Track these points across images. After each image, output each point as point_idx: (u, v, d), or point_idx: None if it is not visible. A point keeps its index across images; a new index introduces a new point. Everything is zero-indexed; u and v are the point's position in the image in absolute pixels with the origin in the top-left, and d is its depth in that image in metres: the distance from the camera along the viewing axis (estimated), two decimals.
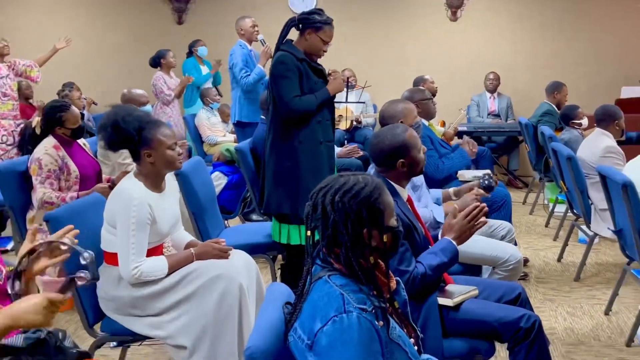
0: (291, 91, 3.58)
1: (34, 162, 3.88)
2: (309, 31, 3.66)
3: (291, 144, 3.65)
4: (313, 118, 3.66)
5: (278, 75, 3.62)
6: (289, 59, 3.61)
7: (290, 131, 3.64)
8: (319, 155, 3.68)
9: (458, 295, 2.59)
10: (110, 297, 2.80)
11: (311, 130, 3.66)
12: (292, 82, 3.60)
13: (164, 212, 2.85)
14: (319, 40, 3.67)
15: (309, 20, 3.66)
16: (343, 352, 1.55)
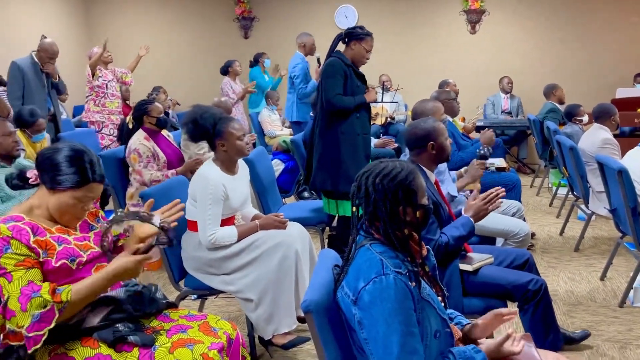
0: (335, 89, 3.60)
1: (132, 152, 3.96)
2: (354, 42, 3.69)
3: (334, 134, 3.68)
4: (352, 114, 3.67)
5: (327, 75, 3.64)
6: (338, 63, 3.63)
7: (334, 124, 3.67)
8: (356, 144, 3.69)
9: (476, 261, 2.56)
10: (192, 258, 2.85)
11: (351, 124, 3.68)
12: (337, 82, 3.61)
13: (236, 191, 2.88)
14: (362, 49, 3.68)
15: (353, 34, 3.69)
16: (382, 306, 1.54)
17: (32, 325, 1.74)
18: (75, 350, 1.86)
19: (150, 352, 1.85)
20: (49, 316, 1.75)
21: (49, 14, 8.36)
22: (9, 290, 1.75)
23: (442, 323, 1.68)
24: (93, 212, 2.09)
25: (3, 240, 1.76)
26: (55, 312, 1.76)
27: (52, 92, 5.34)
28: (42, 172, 1.89)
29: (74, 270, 1.88)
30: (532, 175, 7.28)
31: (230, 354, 2.02)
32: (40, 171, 1.89)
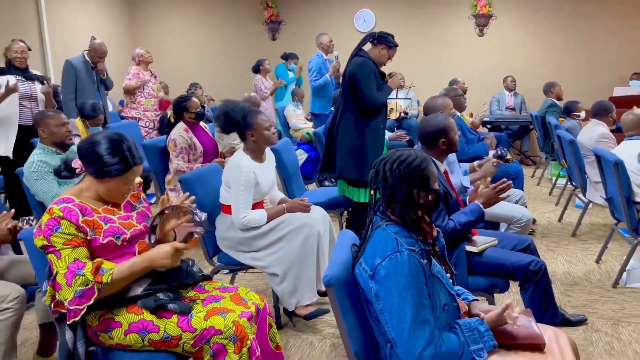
0: (373, 88, 3.55)
1: (171, 141, 4.00)
2: (383, 47, 3.62)
3: (360, 128, 3.62)
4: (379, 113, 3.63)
5: (363, 75, 3.54)
6: (370, 63, 3.58)
7: (360, 118, 3.61)
8: (378, 136, 3.65)
9: (482, 244, 2.53)
10: (225, 237, 2.88)
11: (376, 118, 3.63)
12: (373, 81, 3.56)
13: (264, 177, 2.89)
14: (387, 56, 3.65)
15: (386, 39, 3.63)
16: (396, 280, 1.54)
17: (73, 299, 1.77)
18: (121, 316, 1.89)
19: (187, 319, 1.88)
20: (89, 294, 1.78)
21: (98, 17, 8.44)
22: (57, 265, 1.79)
23: (450, 297, 1.67)
24: (136, 194, 2.11)
25: (54, 220, 1.79)
26: (95, 291, 1.79)
27: (100, 88, 5.42)
28: (86, 164, 1.90)
29: (119, 246, 1.91)
30: (534, 166, 7.18)
31: (258, 322, 2.03)
32: (85, 163, 1.90)
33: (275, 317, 2.90)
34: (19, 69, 4.43)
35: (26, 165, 3.13)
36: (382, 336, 1.64)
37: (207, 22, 9.08)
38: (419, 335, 1.52)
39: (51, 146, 3.20)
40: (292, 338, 2.86)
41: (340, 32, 7.90)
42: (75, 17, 7.90)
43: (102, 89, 5.45)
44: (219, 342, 1.84)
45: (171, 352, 1.90)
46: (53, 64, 7.31)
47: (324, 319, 3.02)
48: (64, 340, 1.86)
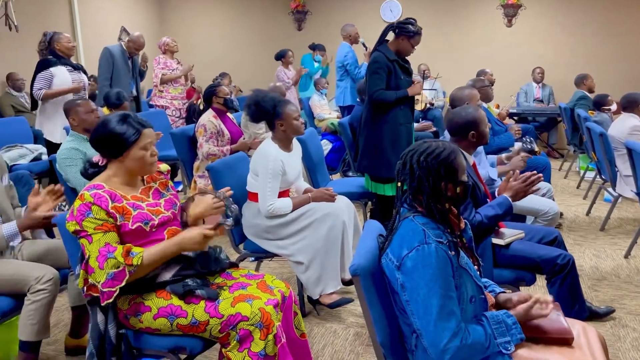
0: (377, 85, 3.49)
1: (200, 127, 4.04)
2: (403, 37, 3.54)
3: (378, 124, 3.58)
4: (396, 107, 3.56)
5: (371, 71, 3.53)
6: (382, 59, 3.51)
7: (378, 114, 3.57)
8: (399, 133, 3.59)
9: (508, 236, 2.49)
10: (251, 225, 2.89)
11: (394, 115, 3.57)
12: (380, 78, 3.49)
13: (291, 167, 2.89)
14: (409, 45, 3.56)
15: (404, 29, 3.53)
16: (423, 272, 1.52)
17: (106, 281, 1.80)
18: (150, 300, 1.92)
19: (214, 304, 1.90)
20: (121, 276, 1.81)
21: (128, 8, 8.53)
22: (89, 249, 1.82)
23: (477, 289, 1.65)
24: (164, 182, 2.13)
25: (86, 206, 1.83)
26: (126, 273, 1.82)
27: (137, 77, 5.51)
28: (105, 151, 1.94)
29: (148, 232, 1.93)
30: (561, 159, 7.03)
31: (283, 309, 2.04)
32: (104, 151, 1.95)
33: (300, 305, 2.91)
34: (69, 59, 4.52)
35: (59, 152, 3.19)
36: (408, 326, 1.63)
37: (235, 12, 9.09)
38: (445, 327, 1.50)
39: (82, 133, 3.25)
40: (316, 326, 2.87)
41: (366, 22, 7.83)
42: (105, 7, 7.99)
43: (138, 78, 5.55)
44: (245, 328, 1.86)
45: (198, 337, 1.92)
46: (84, 54, 7.43)
47: (348, 308, 3.02)
48: (96, 322, 1.90)
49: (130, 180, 1.99)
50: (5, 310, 2.21)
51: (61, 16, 7.21)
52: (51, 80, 4.36)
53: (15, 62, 6.27)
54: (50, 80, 4.36)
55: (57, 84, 4.38)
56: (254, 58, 8.97)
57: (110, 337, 1.90)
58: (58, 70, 4.37)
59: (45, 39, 4.48)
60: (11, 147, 4.86)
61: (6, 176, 2.49)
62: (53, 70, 4.36)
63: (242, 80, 8.64)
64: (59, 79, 4.37)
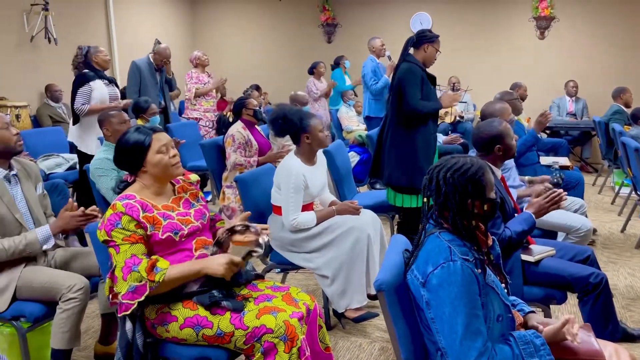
0: (417, 95, 3.47)
1: (229, 137, 4.10)
2: (427, 45, 3.56)
3: (411, 135, 3.55)
4: (429, 120, 3.55)
5: (408, 81, 3.48)
6: (416, 69, 3.50)
7: (411, 125, 3.55)
8: (430, 143, 3.58)
9: (538, 253, 2.45)
10: (277, 238, 2.90)
11: (427, 125, 3.56)
12: (418, 88, 3.48)
13: (315, 180, 2.90)
14: (434, 51, 3.57)
15: (425, 37, 3.57)
16: (449, 290, 1.51)
17: (127, 293, 1.84)
18: (177, 310, 1.94)
19: (240, 316, 1.91)
20: (142, 290, 1.84)
21: (162, 20, 8.74)
22: (116, 259, 1.86)
23: (504, 308, 1.62)
24: (194, 193, 2.17)
25: (116, 216, 1.87)
26: (147, 289, 1.85)
27: (164, 88, 5.63)
28: (127, 165, 2.02)
29: (177, 241, 1.97)
30: (595, 174, 6.86)
31: (308, 322, 2.04)
32: (126, 165, 2.02)
33: (325, 318, 2.90)
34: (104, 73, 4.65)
35: (92, 162, 3.28)
36: (433, 344, 1.61)
37: (265, 25, 9.22)
38: (471, 346, 1.48)
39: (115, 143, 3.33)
40: (341, 340, 2.86)
41: (396, 35, 7.84)
42: (140, 20, 8.21)
43: (165, 89, 5.67)
44: (269, 341, 1.86)
45: (223, 348, 1.93)
46: (119, 65, 7.63)
47: (373, 323, 3.00)
48: (124, 330, 1.94)
49: (160, 189, 2.03)
50: (38, 316, 2.27)
51: (98, 29, 7.44)
52: (90, 94, 4.48)
53: (54, 74, 6.49)
54: (89, 94, 4.47)
55: (96, 97, 4.49)
56: (284, 70, 9.06)
57: (137, 346, 1.93)
58: (96, 84, 4.49)
59: (80, 52, 4.60)
60: (48, 156, 5.03)
61: (40, 185, 2.56)
62: (92, 85, 4.47)
63: (270, 91, 8.73)
64: (97, 92, 4.49)
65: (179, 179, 2.15)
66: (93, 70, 4.54)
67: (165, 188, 2.07)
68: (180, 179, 2.16)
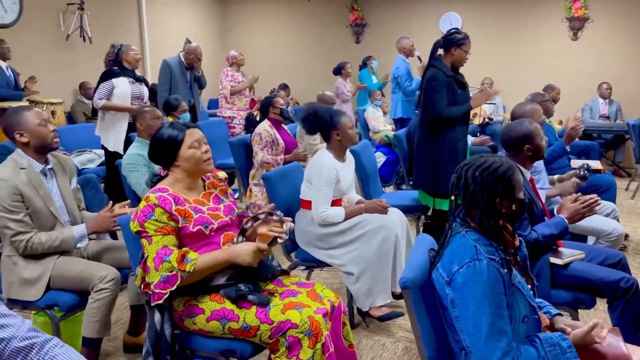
0: (442, 101, 3.46)
1: (256, 135, 4.15)
2: (455, 48, 3.53)
3: (438, 140, 3.54)
4: (458, 124, 3.53)
5: (432, 88, 3.48)
6: (441, 76, 3.49)
7: (439, 130, 3.54)
8: (457, 148, 3.55)
9: (567, 256, 2.41)
10: (304, 233, 2.93)
11: (454, 130, 3.54)
12: (443, 95, 3.46)
13: (345, 176, 2.93)
14: (463, 53, 3.53)
15: (453, 40, 3.53)
16: (474, 289, 1.50)
17: (158, 283, 1.89)
18: (204, 303, 1.98)
19: (265, 310, 1.94)
20: (173, 280, 1.89)
21: (192, 20, 8.87)
22: (148, 250, 1.92)
23: (530, 309, 1.61)
24: (224, 189, 2.21)
25: (149, 208, 1.93)
26: (178, 278, 1.89)
27: (194, 87, 5.72)
28: (161, 159, 2.07)
29: (207, 235, 2.01)
30: (628, 178, 6.69)
31: (332, 319, 2.06)
32: (160, 160, 2.07)
33: (349, 316, 2.91)
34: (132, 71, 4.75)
35: (124, 157, 3.36)
36: (457, 343, 1.61)
37: (294, 25, 9.28)
38: (495, 346, 1.47)
39: (147, 139, 3.41)
40: (365, 338, 2.87)
41: (425, 35, 7.79)
42: (171, 19, 8.35)
43: (195, 87, 5.75)
44: (294, 336, 1.89)
45: (249, 342, 1.97)
46: (151, 64, 7.78)
47: (397, 322, 3.00)
48: (153, 322, 1.99)
49: (192, 184, 2.08)
50: (70, 305, 2.35)
51: (131, 29, 7.60)
52: (111, 90, 4.58)
53: (88, 72, 6.65)
54: (110, 90, 4.58)
55: (117, 95, 4.59)
56: (311, 70, 9.09)
57: (165, 337, 1.97)
58: (119, 81, 4.59)
59: (113, 50, 4.72)
60: (81, 151, 5.16)
61: (75, 179, 2.64)
62: (115, 81, 4.57)
63: (298, 91, 8.78)
64: (119, 89, 4.59)
65: (209, 175, 2.19)
66: (121, 68, 4.65)
67: (196, 183, 2.12)
68: (210, 175, 2.20)
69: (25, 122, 2.36)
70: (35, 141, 2.38)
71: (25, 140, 2.37)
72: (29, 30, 6.11)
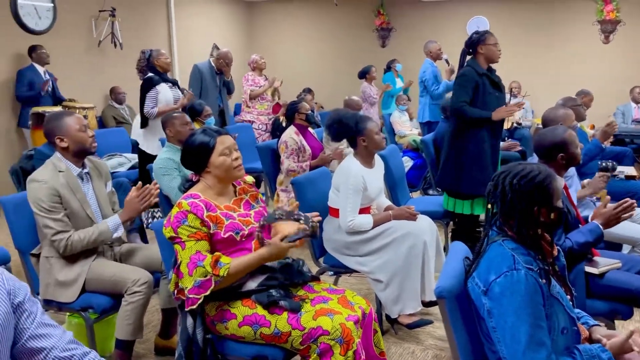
0: (462, 97, 3.44)
1: (282, 144, 4.16)
2: (480, 46, 3.51)
3: (463, 141, 3.53)
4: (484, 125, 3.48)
5: (457, 84, 3.52)
6: (470, 72, 3.47)
7: (464, 131, 3.52)
8: (483, 151, 3.50)
9: (603, 265, 2.35)
10: (331, 240, 2.93)
11: (480, 133, 3.49)
12: (466, 91, 3.44)
13: (373, 183, 2.90)
14: (490, 47, 3.50)
15: (474, 41, 3.53)
16: (512, 299, 1.48)
17: (192, 288, 1.90)
18: (236, 308, 1.99)
19: (297, 316, 1.93)
20: (207, 285, 1.90)
21: (220, 25, 8.97)
22: (182, 255, 1.93)
23: (569, 320, 1.57)
24: (254, 195, 2.22)
25: (182, 214, 1.94)
26: (212, 283, 1.91)
27: (223, 91, 5.78)
28: (193, 165, 2.08)
29: (238, 241, 2.02)
30: None
31: (363, 326, 2.05)
32: (192, 165, 2.09)
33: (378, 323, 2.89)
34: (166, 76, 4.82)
35: (155, 162, 3.41)
36: (493, 354, 1.58)
37: (320, 29, 9.31)
38: (534, 358, 1.44)
39: (176, 144, 3.45)
40: (394, 345, 2.84)
41: (451, 39, 7.74)
42: (199, 25, 8.46)
43: (224, 92, 5.82)
44: (325, 343, 1.88)
45: (280, 347, 1.97)
46: (179, 68, 7.89)
47: (427, 330, 2.97)
48: (185, 326, 2.00)
49: (223, 190, 2.10)
50: (105, 308, 2.39)
51: (160, 34, 7.72)
52: (157, 97, 4.64)
53: (118, 77, 6.78)
54: (156, 97, 4.63)
55: (162, 100, 4.65)
56: (337, 74, 9.10)
57: (197, 341, 1.99)
58: (161, 87, 4.65)
59: (143, 56, 4.78)
60: (112, 155, 5.25)
61: (110, 183, 2.69)
62: (158, 88, 4.64)
63: (324, 95, 8.80)
64: (162, 95, 4.65)
65: (240, 180, 2.21)
66: (157, 73, 4.71)
67: (227, 189, 2.13)
68: (241, 181, 2.22)
69: (66, 127, 2.42)
70: (75, 146, 2.43)
71: (65, 145, 2.42)
72: (62, 36, 6.26)
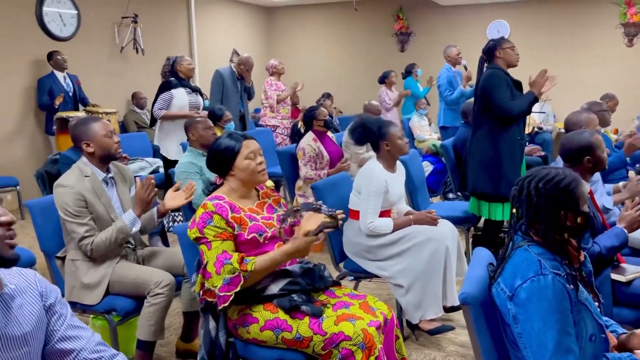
0: (506, 97, 3.37)
1: (300, 150, 4.18)
2: (497, 52, 3.47)
3: (494, 140, 3.46)
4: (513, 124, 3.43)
5: (492, 86, 3.39)
6: (498, 72, 3.43)
7: (495, 130, 3.45)
8: (515, 149, 3.46)
9: (631, 273, 2.31)
10: (352, 243, 2.92)
11: (511, 130, 3.45)
12: (505, 90, 3.38)
13: (394, 187, 2.90)
14: (508, 51, 3.46)
15: (491, 47, 3.50)
16: (539, 304, 1.45)
17: (222, 286, 1.91)
18: (258, 312, 2.00)
19: (318, 321, 1.93)
20: (236, 281, 1.91)
21: (239, 31, 9.04)
22: (208, 256, 1.94)
23: (598, 327, 1.54)
24: (277, 199, 2.24)
25: (208, 215, 1.96)
26: (241, 279, 1.91)
27: (244, 96, 5.83)
28: (218, 168, 2.11)
29: (261, 243, 2.03)
30: None
31: (385, 332, 2.03)
32: (217, 168, 2.12)
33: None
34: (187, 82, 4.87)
35: (177, 166, 3.44)
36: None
37: (339, 34, 9.32)
38: None
39: (199, 148, 3.48)
40: (415, 352, 2.82)
41: (471, 44, 7.68)
42: (219, 31, 8.54)
43: (244, 97, 5.86)
44: (347, 348, 1.87)
45: (302, 352, 1.96)
46: (199, 73, 7.96)
47: (448, 336, 2.94)
48: (208, 329, 2.02)
49: (246, 193, 2.12)
50: (128, 310, 2.41)
51: (181, 40, 7.80)
52: (170, 101, 4.71)
53: (140, 82, 6.87)
54: (169, 101, 4.71)
55: (176, 105, 4.72)
56: (356, 79, 9.10)
57: (220, 344, 2.00)
58: (178, 92, 4.72)
59: (168, 62, 4.86)
60: (133, 160, 5.31)
61: (133, 188, 2.72)
62: (173, 92, 4.71)
63: (343, 100, 8.80)
64: (177, 99, 4.71)
65: (262, 185, 2.22)
66: (178, 78, 4.77)
67: (250, 192, 2.14)
68: (264, 185, 2.23)
69: (93, 133, 2.46)
70: (100, 151, 2.47)
71: (91, 150, 2.46)
72: (86, 42, 6.37)
